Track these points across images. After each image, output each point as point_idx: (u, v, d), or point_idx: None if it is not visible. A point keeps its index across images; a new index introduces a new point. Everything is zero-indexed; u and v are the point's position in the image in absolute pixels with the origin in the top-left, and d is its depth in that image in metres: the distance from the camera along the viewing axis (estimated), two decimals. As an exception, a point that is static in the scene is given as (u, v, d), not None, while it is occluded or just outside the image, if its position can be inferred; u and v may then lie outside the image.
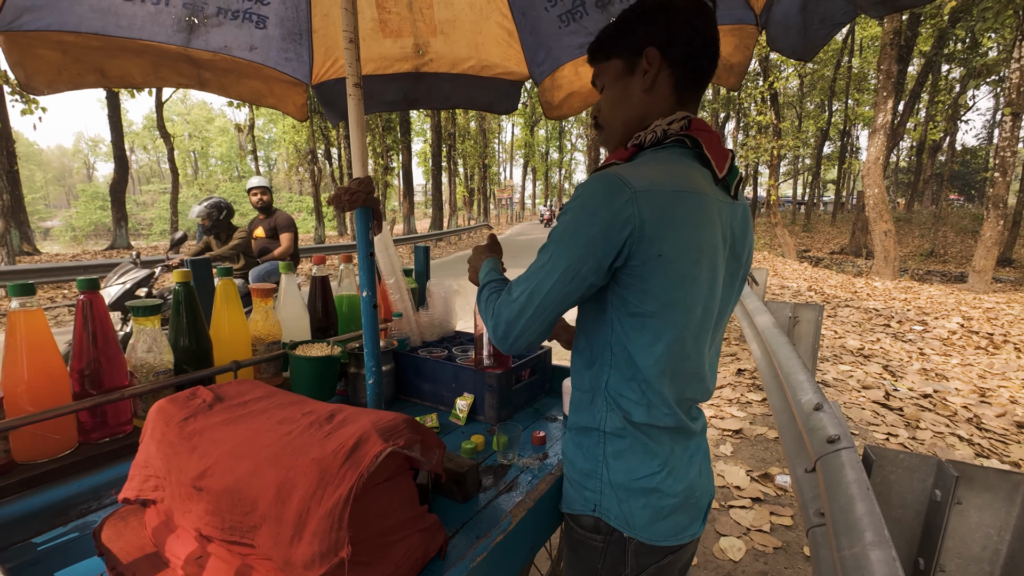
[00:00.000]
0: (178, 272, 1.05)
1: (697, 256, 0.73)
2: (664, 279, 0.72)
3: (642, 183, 0.70)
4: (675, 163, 0.75)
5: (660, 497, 0.80)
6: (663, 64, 0.79)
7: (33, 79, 1.24)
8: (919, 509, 1.22)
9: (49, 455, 0.86)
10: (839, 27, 1.04)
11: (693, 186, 0.73)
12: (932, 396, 3.65)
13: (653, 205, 0.69)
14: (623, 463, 0.81)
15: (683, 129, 0.78)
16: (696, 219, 0.72)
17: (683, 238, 0.71)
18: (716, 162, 0.78)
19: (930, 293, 8.41)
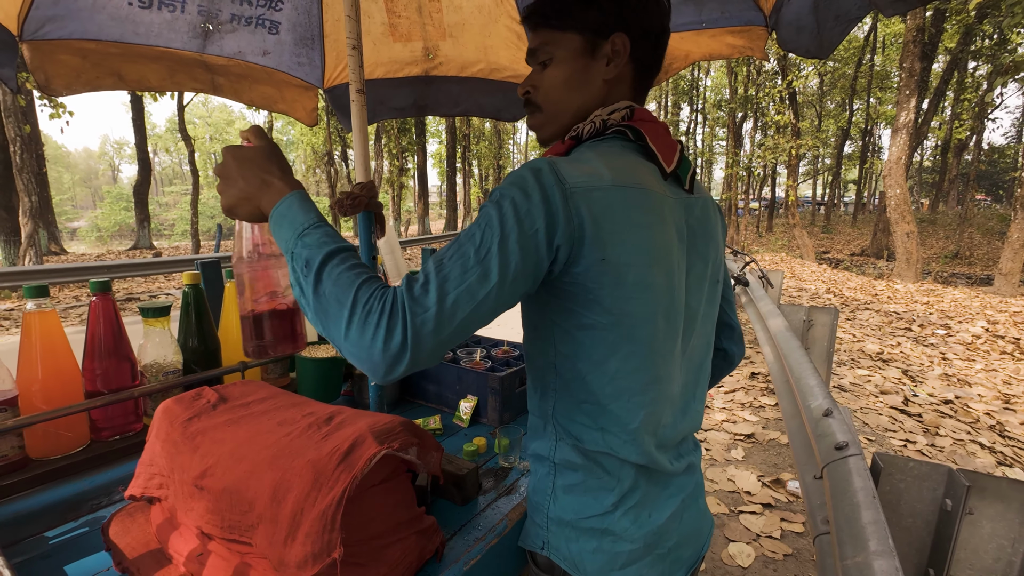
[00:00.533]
0: (188, 274, 1.08)
1: (648, 260, 0.63)
2: (612, 286, 0.62)
3: (580, 178, 0.61)
4: (616, 156, 0.66)
5: (614, 541, 0.68)
6: (629, 56, 0.71)
7: (52, 81, 1.28)
8: (929, 519, 1.19)
9: (61, 452, 0.89)
10: (855, 22, 1.01)
11: (637, 182, 0.64)
12: (953, 402, 3.56)
13: (592, 203, 0.60)
14: (573, 499, 0.70)
15: (625, 119, 0.71)
16: (642, 218, 0.63)
17: (629, 240, 0.62)
18: (663, 155, 0.69)
19: (954, 296, 8.19)
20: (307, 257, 0.58)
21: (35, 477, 0.84)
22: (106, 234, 37.81)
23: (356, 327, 0.54)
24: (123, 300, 7.91)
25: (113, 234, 37.96)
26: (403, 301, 0.54)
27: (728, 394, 3.85)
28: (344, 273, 0.57)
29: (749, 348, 5.01)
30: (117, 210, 38.54)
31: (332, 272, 0.57)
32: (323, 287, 0.57)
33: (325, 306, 0.56)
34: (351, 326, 0.54)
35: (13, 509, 0.79)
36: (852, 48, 23.77)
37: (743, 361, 4.60)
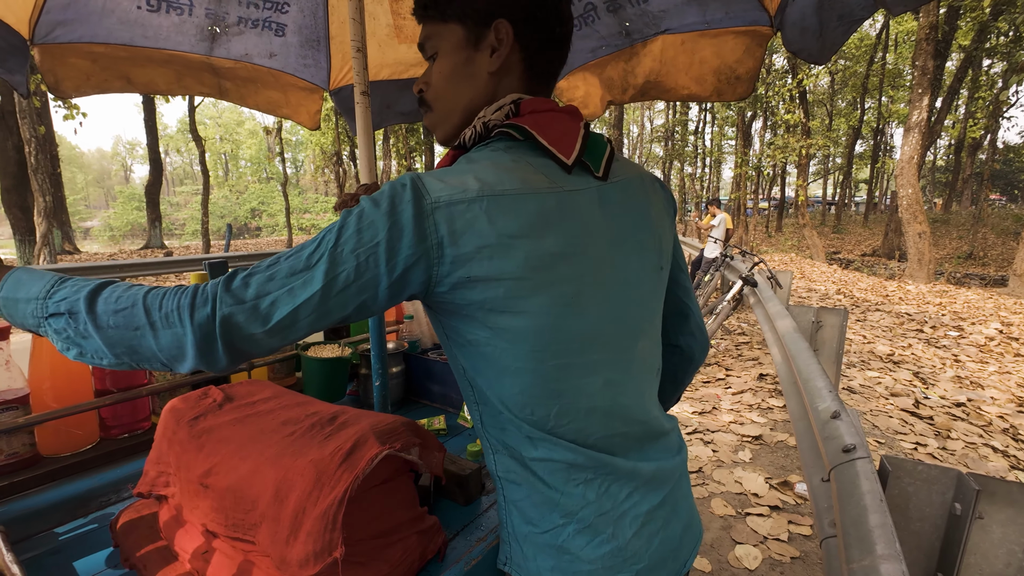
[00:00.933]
0: (195, 275, 1.09)
1: (526, 271, 0.57)
2: (485, 303, 0.57)
3: (443, 192, 0.56)
4: (494, 162, 0.60)
5: (571, 560, 0.62)
6: (515, 45, 0.66)
7: (62, 84, 1.31)
8: (938, 523, 1.18)
9: (72, 449, 0.91)
10: (858, 23, 1.00)
11: (511, 187, 0.58)
12: (966, 405, 3.52)
13: (454, 218, 0.55)
14: (522, 513, 0.66)
15: (510, 116, 0.64)
16: (514, 227, 0.57)
17: (499, 253, 0.56)
18: (558, 147, 0.63)
19: (967, 297, 8.08)
20: (68, 307, 0.53)
21: (46, 474, 0.85)
22: (118, 233, 38.32)
23: (162, 332, 0.52)
24: (135, 299, 8.00)
25: (125, 233, 38.46)
26: (213, 291, 0.53)
27: (736, 395, 3.82)
28: (121, 295, 0.54)
29: (757, 349, 4.98)
30: (129, 210, 39.05)
31: (106, 304, 0.53)
32: (103, 321, 0.53)
33: (119, 337, 0.53)
34: (157, 334, 0.52)
35: (24, 505, 0.81)
36: (864, 46, 23.51)
37: (751, 362, 4.57)
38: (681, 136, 29.89)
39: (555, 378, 0.61)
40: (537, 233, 0.58)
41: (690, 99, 1.46)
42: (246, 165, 50.97)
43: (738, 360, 4.75)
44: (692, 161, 31.55)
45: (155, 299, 0.53)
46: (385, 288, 0.56)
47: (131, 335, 0.52)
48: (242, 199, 43.11)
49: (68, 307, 0.54)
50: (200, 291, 0.53)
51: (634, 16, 1.41)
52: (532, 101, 0.65)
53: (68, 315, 0.53)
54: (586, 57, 1.60)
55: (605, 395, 0.64)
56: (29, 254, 9.65)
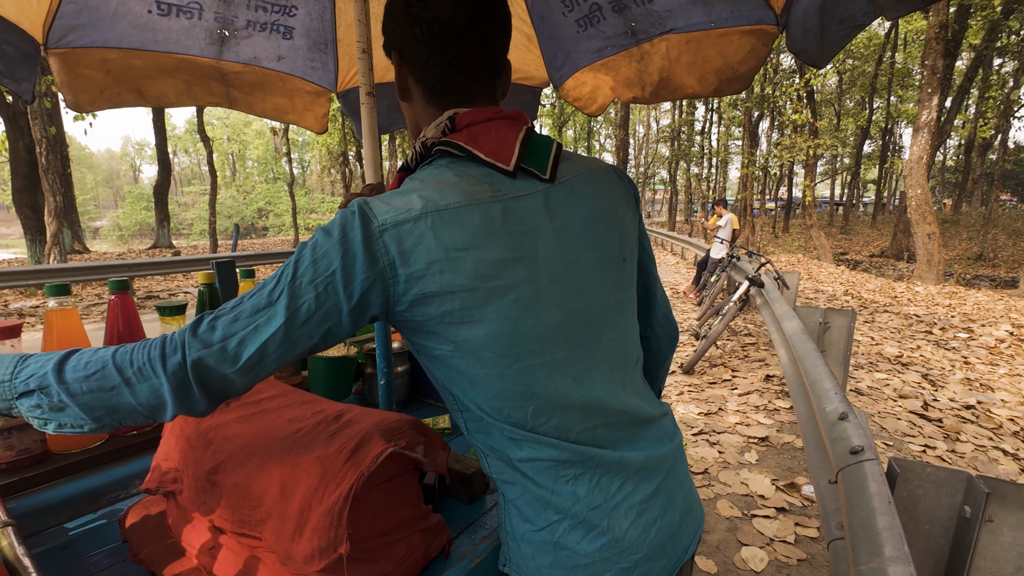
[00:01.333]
0: (202, 274, 1.10)
1: (477, 281, 0.58)
2: (443, 317, 0.59)
3: (388, 214, 0.57)
4: (435, 179, 0.62)
5: (569, 556, 0.63)
6: (403, 67, 0.69)
7: (78, 97, 1.33)
8: (947, 526, 1.17)
9: (81, 446, 0.92)
10: (859, 29, 1.00)
11: (452, 201, 0.59)
12: (975, 407, 3.48)
13: (402, 238, 0.56)
14: (519, 512, 0.67)
15: (446, 132, 0.66)
16: (461, 239, 0.58)
17: (448, 267, 0.57)
18: (497, 156, 0.63)
19: (977, 299, 7.99)
20: (38, 383, 0.53)
21: (56, 470, 0.86)
22: (127, 233, 38.70)
23: (138, 386, 0.53)
24: (143, 298, 8.09)
25: (134, 233, 38.83)
26: (181, 338, 0.54)
27: (742, 397, 3.80)
28: (89, 360, 0.54)
29: (764, 350, 4.95)
30: (138, 210, 39.43)
31: (75, 371, 0.53)
32: (76, 388, 0.52)
33: (97, 401, 0.53)
34: (134, 389, 0.53)
35: (35, 501, 0.82)
36: (873, 45, 23.32)
37: (758, 363, 4.55)
38: (687, 136, 29.77)
39: (523, 380, 0.62)
40: (484, 243, 0.59)
41: (691, 97, 1.46)
42: (253, 165, 51.31)
43: (744, 361, 4.73)
44: (698, 161, 31.42)
45: (124, 356, 0.53)
46: (347, 313, 0.57)
47: (107, 396, 0.53)
48: (249, 199, 43.39)
49: (38, 383, 0.53)
50: (168, 340, 0.54)
51: (639, 16, 1.41)
52: (468, 113, 0.66)
53: (39, 391, 0.53)
54: (592, 57, 1.60)
55: (577, 390, 0.64)
56: (40, 253, 9.76)
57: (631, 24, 1.44)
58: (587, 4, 1.46)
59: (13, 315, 6.89)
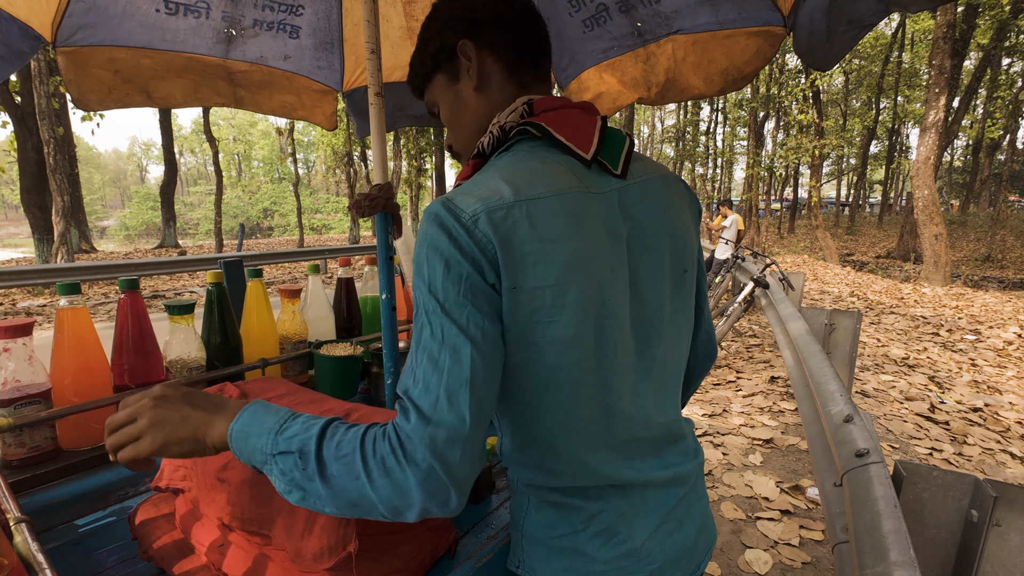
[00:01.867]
0: (211, 273, 1.11)
1: (565, 277, 0.56)
2: (529, 316, 0.55)
3: (475, 204, 0.54)
4: (519, 164, 0.60)
5: (587, 562, 0.62)
6: (481, 52, 0.68)
7: (85, 96, 1.34)
8: (954, 529, 1.16)
9: (92, 443, 0.92)
10: (867, 29, 0.99)
11: (543, 190, 0.57)
12: (983, 410, 3.46)
13: (496, 226, 0.54)
14: (542, 516, 0.65)
15: (524, 117, 0.64)
16: (553, 231, 0.55)
17: (540, 259, 0.55)
18: (577, 141, 0.62)
19: (985, 300, 7.94)
20: (299, 446, 0.51)
21: (67, 467, 0.87)
22: (134, 233, 38.93)
23: (381, 482, 0.49)
24: (149, 297, 8.14)
25: (140, 233, 39.07)
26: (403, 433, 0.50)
27: (747, 398, 3.79)
28: (343, 438, 0.51)
29: (769, 351, 4.93)
30: (144, 209, 39.67)
31: (330, 445, 0.51)
32: (330, 469, 0.50)
33: (342, 486, 0.50)
34: (374, 484, 0.49)
35: (46, 497, 0.83)
36: (879, 45, 23.18)
37: (762, 365, 4.53)
38: (692, 137, 29.68)
39: (584, 384, 0.59)
40: (574, 235, 0.57)
41: (697, 98, 1.46)
42: (258, 166, 51.52)
43: (749, 362, 4.71)
44: (703, 162, 31.33)
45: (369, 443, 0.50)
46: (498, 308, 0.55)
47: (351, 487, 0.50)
48: (254, 199, 43.59)
49: (299, 445, 0.51)
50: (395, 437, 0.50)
51: (646, 16, 1.41)
52: (544, 100, 0.65)
53: (298, 454, 0.51)
54: (598, 57, 1.60)
55: (628, 399, 0.63)
56: (47, 253, 9.84)
57: (637, 25, 1.44)
58: (594, 4, 1.46)
59: (21, 314, 6.95)
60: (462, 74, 0.69)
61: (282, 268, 12.14)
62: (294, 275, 11.29)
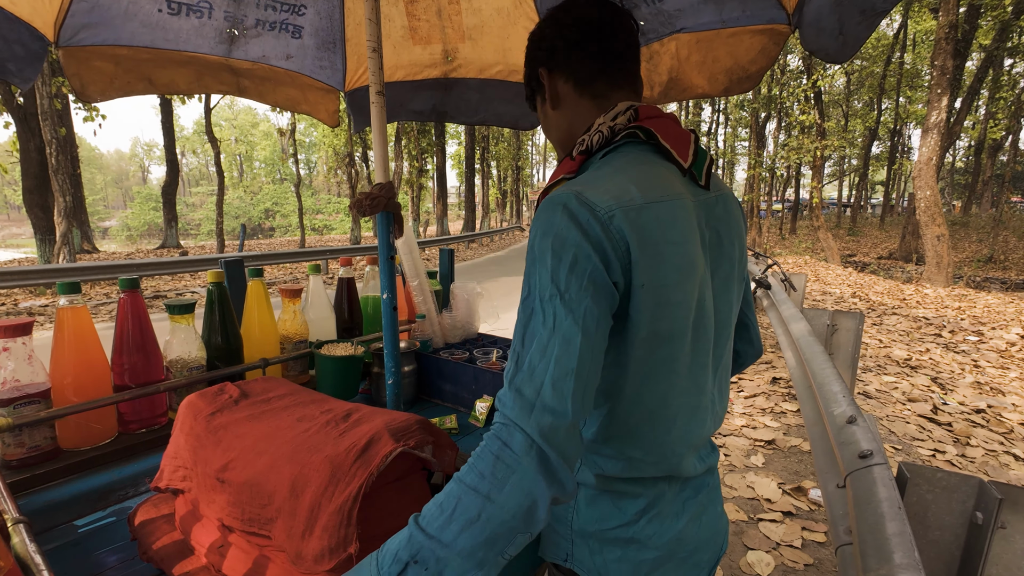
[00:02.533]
0: (212, 272, 1.11)
1: (678, 277, 0.60)
2: (648, 311, 0.59)
3: (609, 200, 0.57)
4: (636, 167, 0.64)
5: (639, 549, 0.67)
6: (553, 76, 0.76)
7: (88, 88, 1.33)
8: (958, 532, 1.15)
9: (91, 443, 0.92)
10: (882, 15, 0.96)
11: (664, 193, 0.61)
12: (986, 411, 3.44)
13: (631, 225, 0.57)
14: (595, 510, 0.68)
15: (631, 121, 0.68)
16: (674, 233, 0.60)
17: (664, 259, 0.59)
18: (677, 150, 0.66)
19: (987, 301, 7.91)
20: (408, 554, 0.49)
21: (66, 467, 0.87)
22: (135, 233, 39.00)
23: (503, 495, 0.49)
24: (151, 297, 8.14)
25: (142, 233, 39.13)
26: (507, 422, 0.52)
27: (748, 399, 3.78)
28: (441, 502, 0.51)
29: (771, 352, 4.92)
30: (146, 210, 39.73)
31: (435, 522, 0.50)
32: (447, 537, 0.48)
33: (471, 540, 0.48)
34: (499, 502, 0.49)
35: (46, 498, 0.82)
36: (881, 46, 23.15)
37: (764, 366, 4.52)
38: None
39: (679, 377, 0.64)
40: (688, 239, 0.62)
41: (700, 97, 1.45)
42: (260, 166, 51.59)
43: (751, 363, 4.70)
44: (704, 163, 31.24)
45: (470, 475, 0.50)
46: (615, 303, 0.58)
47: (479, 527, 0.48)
48: (256, 200, 43.64)
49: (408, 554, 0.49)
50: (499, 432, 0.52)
51: (649, 15, 1.40)
52: (647, 108, 0.69)
53: (411, 563, 0.48)
54: (600, 57, 1.59)
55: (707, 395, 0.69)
56: (49, 253, 9.85)
57: (640, 23, 1.43)
58: (595, 4, 1.46)
59: (23, 314, 6.96)
60: (545, 96, 0.78)
61: (283, 268, 12.15)
62: (295, 275, 11.29)
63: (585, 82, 0.74)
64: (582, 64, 0.73)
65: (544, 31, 0.76)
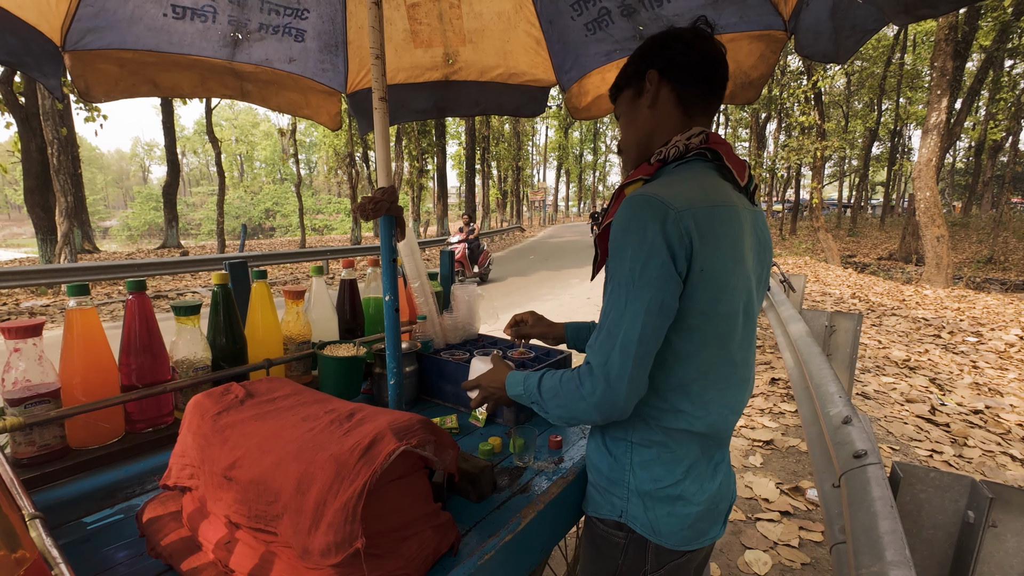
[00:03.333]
0: (217, 274, 1.13)
1: (732, 267, 0.78)
2: (706, 292, 0.76)
3: (681, 202, 0.74)
4: (703, 178, 0.81)
5: (685, 505, 0.84)
6: (663, 82, 0.87)
7: (92, 89, 1.35)
8: (951, 531, 1.17)
9: (99, 442, 0.94)
10: (870, 34, 1.01)
11: (724, 200, 0.79)
12: (983, 412, 3.46)
13: (696, 222, 0.74)
14: (649, 472, 0.84)
15: (703, 143, 0.83)
16: (731, 232, 0.78)
17: (721, 251, 0.76)
18: (737, 172, 0.84)
19: (987, 302, 7.93)
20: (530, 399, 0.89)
21: (75, 465, 0.88)
22: (136, 233, 39.00)
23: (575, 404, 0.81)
24: (152, 297, 8.16)
25: (143, 233, 39.13)
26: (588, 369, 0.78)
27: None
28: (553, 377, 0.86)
29: (770, 353, 4.94)
30: (147, 210, 39.73)
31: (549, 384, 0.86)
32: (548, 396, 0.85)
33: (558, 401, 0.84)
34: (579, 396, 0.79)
35: (55, 495, 0.84)
36: (881, 47, 23.16)
37: (763, 366, 4.53)
38: (694, 138, 29.61)
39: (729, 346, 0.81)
40: (739, 237, 0.79)
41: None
42: (261, 166, 51.58)
43: (750, 364, 4.71)
44: (705, 163, 31.23)
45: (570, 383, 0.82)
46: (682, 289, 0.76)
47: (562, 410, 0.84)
48: (256, 200, 43.64)
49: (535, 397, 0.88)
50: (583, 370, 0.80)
51: (648, 20, 1.42)
52: (715, 135, 0.84)
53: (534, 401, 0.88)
54: (600, 60, 1.61)
55: (747, 367, 0.87)
56: (50, 253, 9.87)
57: (639, 28, 1.45)
58: (596, 8, 1.47)
59: (24, 313, 6.97)
60: (644, 94, 0.90)
61: (284, 268, 12.17)
62: (296, 275, 11.31)
63: (685, 100, 0.87)
64: (692, 86, 0.87)
65: (671, 42, 0.87)
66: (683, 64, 0.86)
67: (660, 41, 0.89)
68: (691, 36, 0.86)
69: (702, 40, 0.86)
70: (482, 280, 9.91)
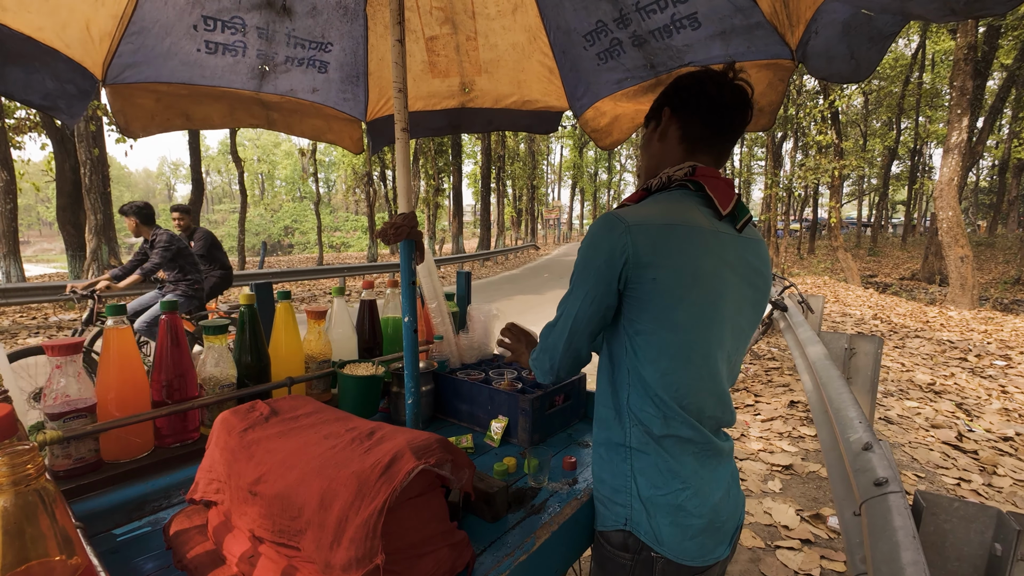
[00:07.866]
0: (243, 294, 1.17)
1: (690, 281, 0.83)
2: (659, 300, 0.83)
3: (635, 219, 0.84)
4: (673, 203, 0.88)
5: (685, 516, 0.86)
6: (672, 118, 0.96)
7: (131, 124, 1.43)
8: (977, 564, 1.14)
9: (130, 456, 0.98)
10: (891, 39, 1.01)
11: (684, 220, 0.85)
12: (1014, 439, 3.34)
13: (644, 237, 0.82)
14: (648, 479, 0.88)
15: (687, 176, 0.91)
16: (688, 249, 0.83)
17: (675, 265, 0.82)
18: (719, 201, 0.89)
19: (1015, 324, 7.69)
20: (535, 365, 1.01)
21: (107, 478, 0.92)
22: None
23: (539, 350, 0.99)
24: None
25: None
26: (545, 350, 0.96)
27: (765, 423, 3.73)
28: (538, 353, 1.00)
29: (788, 375, 4.85)
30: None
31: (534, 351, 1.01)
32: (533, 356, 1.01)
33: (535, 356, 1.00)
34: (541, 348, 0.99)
35: (88, 507, 0.88)
36: (899, 66, 23.04)
37: (781, 388, 4.46)
38: (709, 157, 29.59)
39: (695, 361, 0.85)
40: (703, 256, 0.84)
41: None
42: (281, 185, 52.83)
43: (768, 386, 4.64)
44: (720, 182, 31.11)
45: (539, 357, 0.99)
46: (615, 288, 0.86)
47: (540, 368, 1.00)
48: (276, 217, 44.60)
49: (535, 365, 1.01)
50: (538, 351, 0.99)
51: (658, 50, 1.46)
52: (704, 168, 0.92)
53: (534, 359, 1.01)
54: (612, 88, 1.66)
55: (720, 381, 0.90)
56: (79, 268, 10.20)
57: (651, 58, 1.50)
58: (608, 39, 1.52)
59: (52, 327, 7.19)
60: (659, 127, 0.98)
61: (302, 285, 12.36)
62: (313, 292, 11.48)
63: (689, 137, 0.95)
64: (697, 126, 0.94)
65: (688, 84, 0.94)
66: (693, 106, 0.94)
67: (679, 81, 0.96)
68: (707, 80, 0.93)
69: (716, 86, 0.92)
70: None
